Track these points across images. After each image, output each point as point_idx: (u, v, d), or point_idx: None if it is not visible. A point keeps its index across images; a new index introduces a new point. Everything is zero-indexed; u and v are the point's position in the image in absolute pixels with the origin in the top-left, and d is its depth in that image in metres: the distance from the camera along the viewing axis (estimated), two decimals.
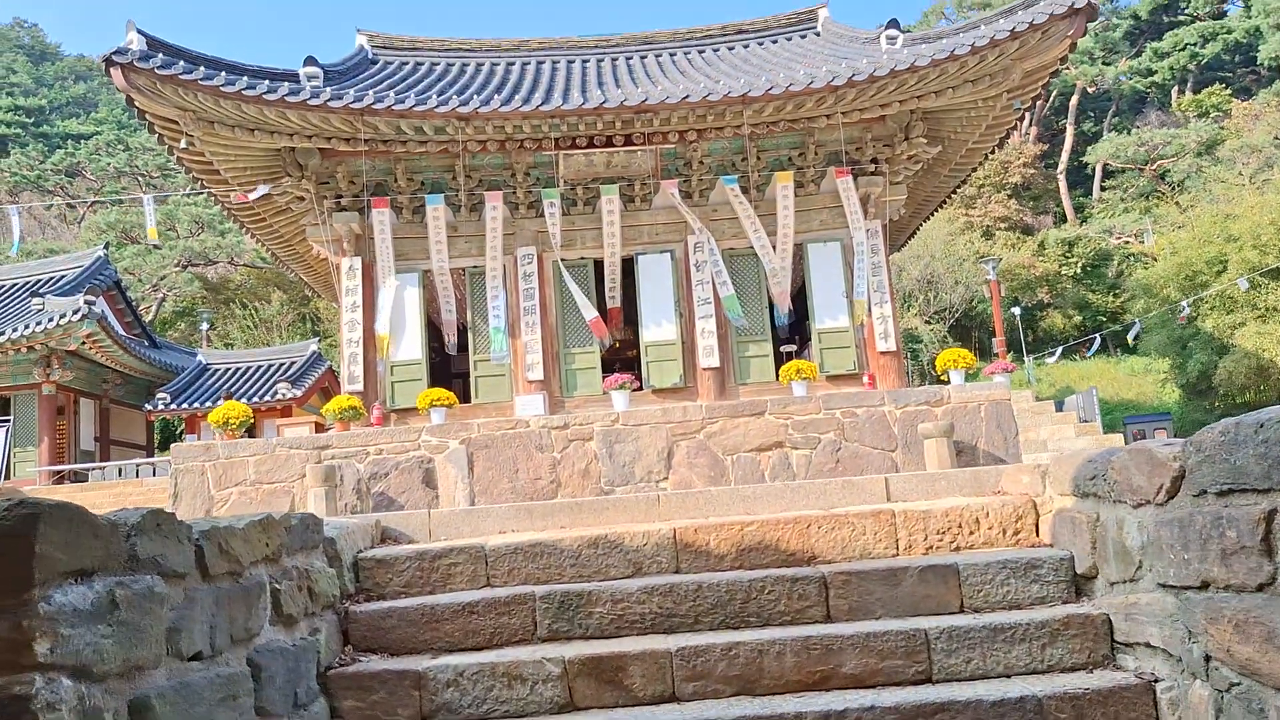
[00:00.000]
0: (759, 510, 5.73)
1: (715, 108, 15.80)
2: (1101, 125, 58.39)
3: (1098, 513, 4.30)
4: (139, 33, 14.77)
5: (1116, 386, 35.07)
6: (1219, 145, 42.71)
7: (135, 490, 20.22)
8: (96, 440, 29.07)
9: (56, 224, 54.79)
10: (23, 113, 68.82)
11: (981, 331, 40.15)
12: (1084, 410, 21.80)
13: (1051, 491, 4.94)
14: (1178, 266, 29.48)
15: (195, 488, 14.24)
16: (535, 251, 17.51)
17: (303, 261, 21.75)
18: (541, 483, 13.95)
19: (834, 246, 17.77)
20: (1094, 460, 4.27)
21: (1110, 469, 4.04)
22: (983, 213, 44.83)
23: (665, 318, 17.50)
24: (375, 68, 19.67)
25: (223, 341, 40.42)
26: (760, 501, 5.71)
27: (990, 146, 19.07)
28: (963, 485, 5.64)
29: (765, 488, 5.71)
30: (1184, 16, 59.27)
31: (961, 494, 5.61)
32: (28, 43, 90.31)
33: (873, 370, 17.14)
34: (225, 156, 16.49)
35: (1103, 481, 4.15)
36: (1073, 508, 4.60)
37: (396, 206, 17.43)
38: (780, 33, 21.73)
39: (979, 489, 5.56)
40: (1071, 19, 15.31)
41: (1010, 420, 14.46)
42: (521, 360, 17.14)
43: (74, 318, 24.27)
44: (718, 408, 14.29)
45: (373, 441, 14.26)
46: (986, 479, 5.59)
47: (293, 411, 27.54)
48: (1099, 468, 4.16)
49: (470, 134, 16.06)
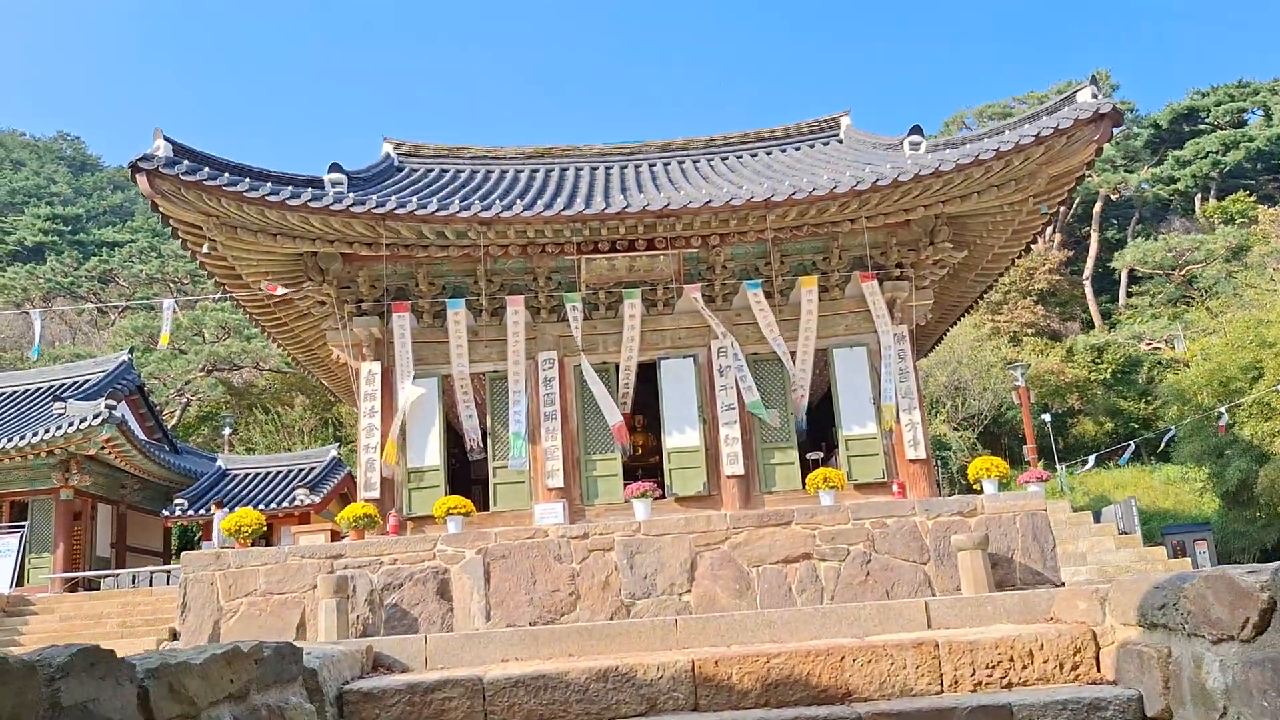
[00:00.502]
0: (786, 637, 5.25)
1: (738, 212, 15.67)
2: (1125, 232, 58.37)
3: (1169, 647, 3.83)
4: (166, 140, 14.87)
5: (1153, 495, 34.12)
6: (1247, 251, 42.41)
7: (144, 600, 19.71)
8: (113, 546, 28.68)
9: (88, 329, 55.43)
10: (60, 221, 70.42)
11: (1011, 438, 39.42)
12: (1123, 521, 21.05)
13: (1113, 620, 4.45)
14: (1211, 373, 28.89)
15: (204, 598, 13.79)
16: (556, 356, 17.26)
17: (323, 366, 21.61)
18: (560, 595, 13.41)
19: (860, 351, 17.41)
20: (1162, 587, 3.82)
21: (1183, 598, 3.59)
22: (1009, 318, 44.50)
23: (688, 424, 17.09)
24: (400, 174, 19.80)
25: (244, 446, 40.27)
26: (788, 627, 5.24)
27: (1017, 251, 18.82)
28: (1011, 610, 5.17)
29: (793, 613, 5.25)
30: (1204, 125, 59.68)
31: (1010, 620, 5.12)
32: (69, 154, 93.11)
33: (902, 479, 16.59)
34: (247, 261, 16.46)
35: (1174, 612, 3.69)
36: (1139, 640, 4.12)
37: (417, 311, 17.30)
38: (803, 140, 21.79)
39: (1029, 615, 5.07)
40: (1097, 124, 15.14)
41: (1047, 532, 13.85)
42: (541, 467, 16.74)
43: (94, 422, 24.15)
44: (743, 517, 13.80)
45: (387, 551, 13.82)
46: (1037, 604, 5.12)
47: (310, 518, 27.13)
48: (1169, 596, 3.71)
49: (492, 238, 15.96)
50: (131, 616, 18.40)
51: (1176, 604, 3.65)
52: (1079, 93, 15.52)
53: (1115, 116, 15.10)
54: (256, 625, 13.49)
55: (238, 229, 15.51)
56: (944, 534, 13.56)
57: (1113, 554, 17.73)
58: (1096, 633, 4.59)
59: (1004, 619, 5.22)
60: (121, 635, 17.35)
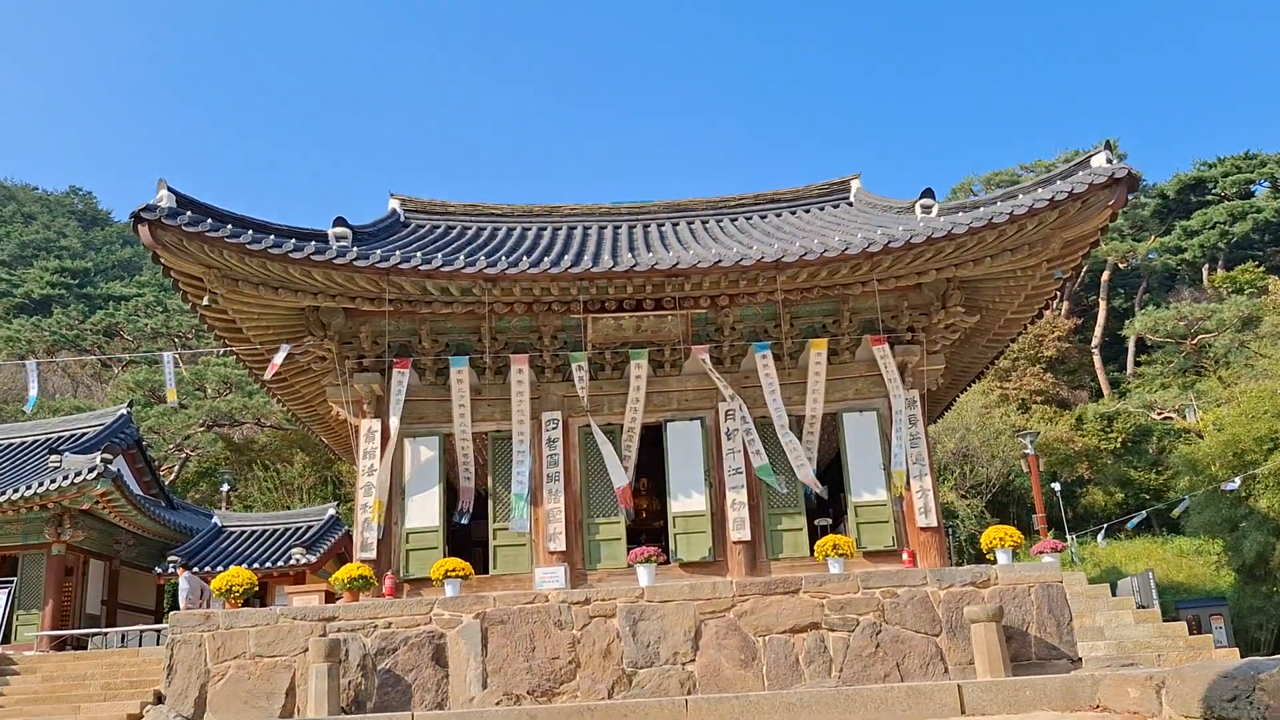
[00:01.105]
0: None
1: (748, 272, 15.44)
2: (1132, 301, 58.29)
3: None
4: (169, 190, 14.71)
5: (1165, 568, 33.47)
6: (1259, 322, 42.19)
7: (130, 661, 19.15)
8: (104, 603, 28.08)
9: (90, 382, 55.23)
10: (68, 274, 70.68)
11: (1019, 507, 38.84)
12: (1140, 594, 20.49)
13: (1171, 711, 4.07)
14: (1225, 444, 28.46)
15: (191, 660, 13.38)
16: (560, 417, 16.94)
17: (323, 423, 21.29)
18: (559, 663, 12.97)
19: (870, 416, 17.08)
20: (1232, 676, 3.44)
21: (1259, 690, 3.22)
22: (1018, 385, 44.16)
23: (695, 488, 16.71)
24: (406, 230, 19.66)
25: (243, 504, 39.77)
26: (808, 710, 4.86)
27: (1030, 316, 18.59)
28: (1052, 696, 4.78)
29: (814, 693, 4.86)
30: (1212, 196, 59.86)
31: (1052, 708, 4.74)
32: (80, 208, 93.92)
33: (912, 547, 16.16)
34: (248, 314, 16.24)
35: (1247, 705, 3.32)
36: None
37: (420, 368, 17.03)
38: (813, 202, 21.67)
39: (1073, 702, 4.69)
40: (1112, 189, 14.97)
41: (1063, 604, 13.42)
42: (543, 530, 16.33)
43: (89, 476, 23.74)
44: (749, 584, 13.39)
45: (381, 614, 13.42)
46: (1080, 690, 4.73)
47: (306, 578, 26.59)
48: (1241, 687, 3.34)
49: (497, 295, 15.75)
50: (116, 678, 17.85)
51: (1251, 696, 3.29)
52: (1093, 157, 15.38)
53: (1131, 181, 14.93)
54: (244, 690, 13.06)
55: (239, 282, 15.30)
56: (956, 605, 13.14)
57: (1131, 629, 17.19)
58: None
59: (1044, 706, 4.84)
60: (105, 698, 16.81)
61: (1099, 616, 17.96)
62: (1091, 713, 4.45)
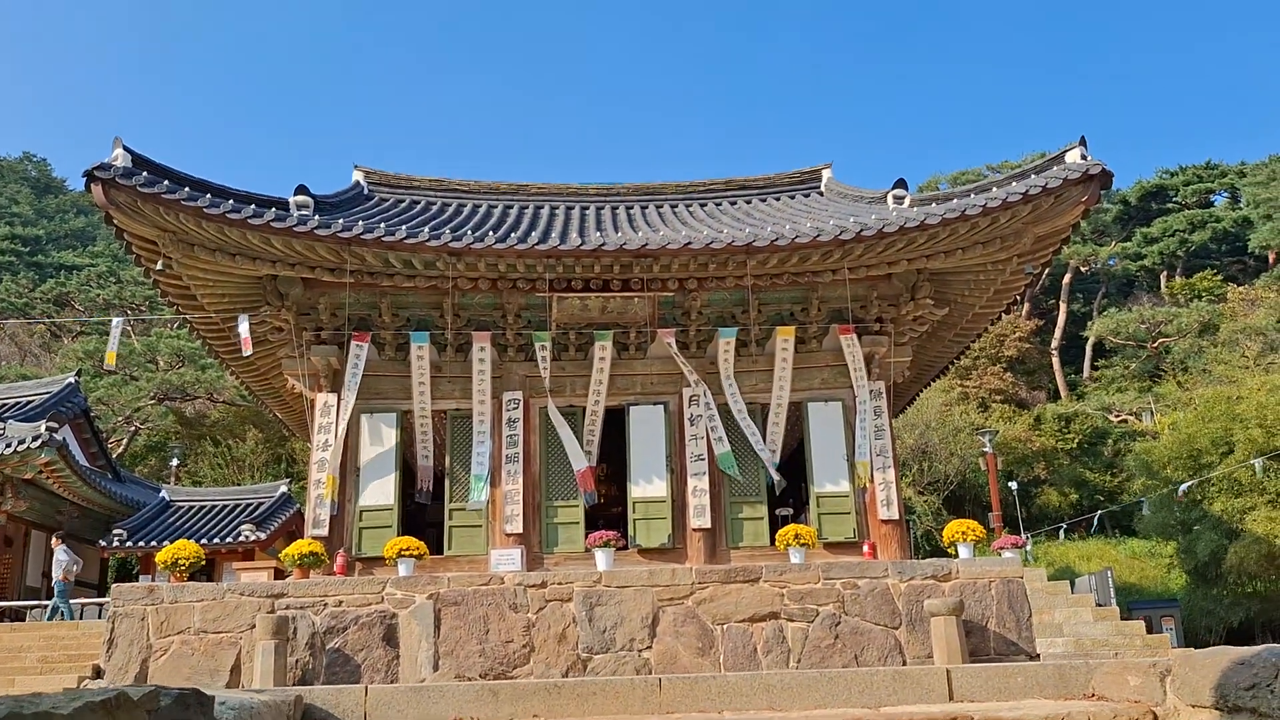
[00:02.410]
0: (787, 704, 4.61)
1: (718, 256, 15.20)
2: (1091, 306, 58.89)
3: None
4: (125, 149, 14.18)
5: (1119, 569, 33.69)
6: (1217, 329, 42.74)
7: (70, 634, 18.56)
8: (44, 576, 27.37)
9: (38, 351, 53.99)
10: (19, 241, 68.94)
11: (975, 505, 39.01)
12: (1099, 593, 20.56)
13: (1177, 700, 3.86)
14: (1179, 444, 28.69)
15: (133, 634, 12.92)
16: (522, 397, 16.62)
17: (277, 397, 20.79)
18: (513, 646, 12.68)
19: (835, 406, 16.93)
20: (1249, 664, 3.23)
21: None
22: (978, 384, 44.45)
23: (656, 473, 16.47)
24: (369, 202, 19.22)
25: (192, 479, 38.99)
26: (789, 692, 4.61)
27: (998, 312, 18.56)
28: (1044, 684, 4.59)
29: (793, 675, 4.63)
30: (1172, 204, 60.61)
31: (1045, 695, 4.53)
32: (34, 175, 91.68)
33: (873, 539, 16.04)
34: (203, 281, 15.75)
35: (1268, 694, 3.11)
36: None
37: (379, 343, 16.63)
38: (784, 190, 21.47)
39: (1065, 688, 4.49)
40: (1086, 185, 14.90)
41: (1023, 600, 13.33)
42: (500, 511, 16.02)
43: (33, 444, 23.10)
44: (709, 572, 13.16)
45: (332, 592, 13.05)
46: (1074, 677, 4.54)
47: (256, 555, 26.06)
48: (1260, 674, 3.13)
49: (461, 270, 15.37)
50: (54, 651, 17.29)
51: (1272, 684, 3.08)
52: (1067, 153, 15.29)
53: (1104, 178, 14.87)
54: (188, 666, 12.65)
55: (195, 247, 14.82)
56: (917, 598, 13.01)
57: (1090, 626, 17.20)
58: (1157, 714, 3.99)
59: (1037, 693, 4.63)
60: (41, 671, 16.24)
61: (1058, 613, 17.96)
62: (1087, 701, 4.25)
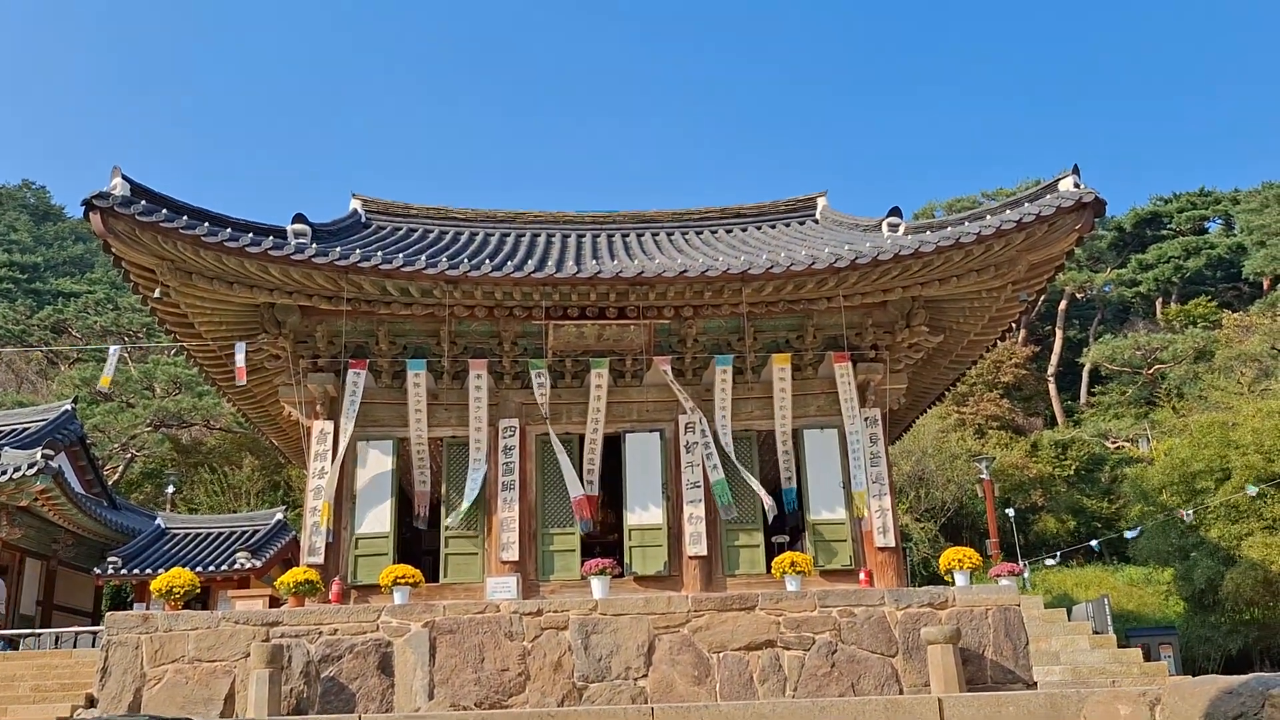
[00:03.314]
0: None
1: (713, 284, 15.30)
2: (1088, 332, 59.07)
3: None
4: (124, 178, 14.27)
5: (1116, 596, 33.58)
6: (1212, 355, 42.84)
7: (64, 662, 18.46)
8: (39, 604, 27.28)
9: (35, 378, 53.91)
10: (17, 269, 69.00)
11: (972, 532, 38.96)
12: (1095, 620, 20.53)
13: None
14: (1173, 468, 28.71)
15: (127, 663, 12.90)
16: (518, 424, 16.66)
17: (274, 424, 20.82)
18: (509, 675, 12.65)
19: (831, 434, 16.98)
20: (1237, 693, 3.26)
21: (1269, 706, 3.04)
22: (975, 410, 44.43)
23: (652, 501, 16.50)
24: (367, 231, 19.31)
25: (188, 506, 38.87)
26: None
27: (993, 339, 18.63)
28: (1035, 712, 4.62)
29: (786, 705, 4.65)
30: (1167, 231, 60.93)
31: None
32: (32, 203, 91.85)
33: (870, 567, 16.06)
34: (201, 309, 15.82)
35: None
36: None
37: (376, 370, 16.68)
38: (779, 218, 21.58)
39: (1057, 717, 4.51)
40: (1079, 213, 15.05)
41: (1020, 628, 13.32)
42: (496, 539, 16.02)
43: (29, 472, 23.05)
44: (705, 600, 13.16)
45: (327, 620, 13.03)
46: (1066, 706, 4.57)
47: (251, 582, 25.97)
48: (1247, 704, 3.16)
49: (458, 298, 15.45)
50: (47, 680, 17.19)
51: (1259, 713, 3.11)
52: (1061, 181, 15.42)
53: (1098, 206, 15.01)
54: (182, 695, 12.62)
55: (193, 275, 14.91)
56: (914, 626, 13.00)
57: (1087, 654, 17.17)
58: None
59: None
60: (34, 699, 16.18)
61: (1055, 641, 17.93)
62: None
